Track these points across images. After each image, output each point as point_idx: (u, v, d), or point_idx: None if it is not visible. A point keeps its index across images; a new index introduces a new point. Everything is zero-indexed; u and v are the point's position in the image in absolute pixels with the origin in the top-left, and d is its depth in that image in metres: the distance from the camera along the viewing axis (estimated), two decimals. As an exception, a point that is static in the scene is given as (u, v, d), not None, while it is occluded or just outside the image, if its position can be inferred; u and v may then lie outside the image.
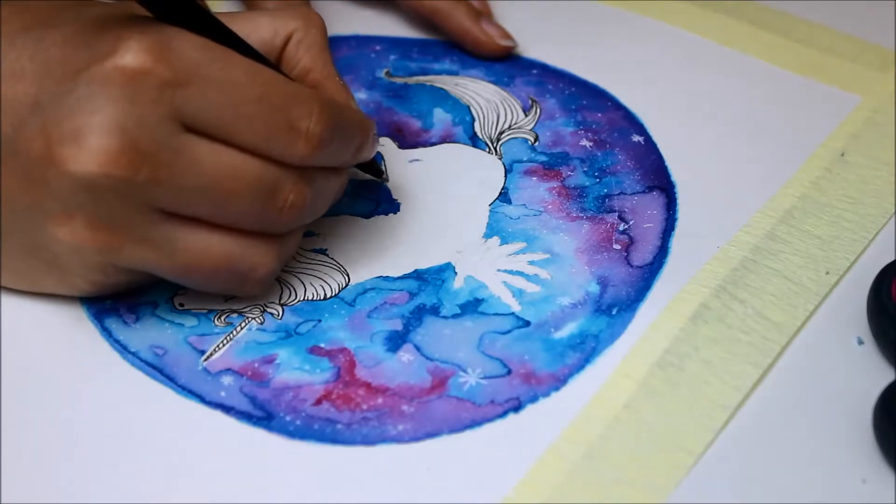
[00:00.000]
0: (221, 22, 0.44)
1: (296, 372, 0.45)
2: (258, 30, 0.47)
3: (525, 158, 0.55)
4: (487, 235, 0.51)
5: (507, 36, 0.61)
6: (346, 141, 0.46)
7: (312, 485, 0.41)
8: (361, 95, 0.59)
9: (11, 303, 0.46)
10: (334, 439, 0.43)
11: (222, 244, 0.44)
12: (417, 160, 0.55)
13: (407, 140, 0.56)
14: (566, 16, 0.65)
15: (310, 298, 0.48)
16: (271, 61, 0.46)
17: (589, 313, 0.48)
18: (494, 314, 0.48)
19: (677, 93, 0.59)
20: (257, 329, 0.47)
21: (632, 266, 0.50)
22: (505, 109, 0.58)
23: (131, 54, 0.41)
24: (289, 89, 0.43)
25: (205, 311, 0.47)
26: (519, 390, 0.45)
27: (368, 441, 0.43)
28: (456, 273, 0.49)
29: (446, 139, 0.56)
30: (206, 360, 0.46)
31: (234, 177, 0.42)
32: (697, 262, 0.49)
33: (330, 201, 0.47)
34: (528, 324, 0.47)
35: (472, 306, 0.48)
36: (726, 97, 0.59)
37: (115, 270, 0.44)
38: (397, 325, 0.47)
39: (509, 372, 0.45)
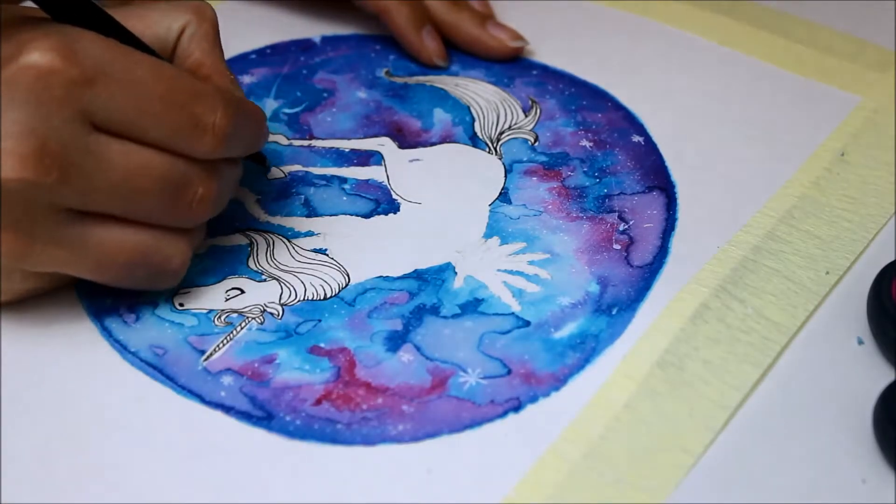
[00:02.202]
0: (118, 21, 0.44)
1: (296, 372, 0.45)
2: (152, 26, 0.47)
3: (525, 159, 0.55)
4: (487, 235, 0.51)
5: (517, 36, 0.61)
6: (247, 132, 0.46)
7: (312, 485, 0.41)
8: (362, 95, 0.59)
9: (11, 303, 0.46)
10: (334, 439, 0.43)
11: (135, 238, 0.44)
12: (417, 160, 0.55)
13: (407, 140, 0.56)
14: (566, 17, 0.65)
15: (310, 298, 0.48)
16: (167, 59, 0.46)
17: (589, 313, 0.48)
18: (494, 314, 0.48)
19: (677, 93, 0.59)
20: (257, 329, 0.47)
21: (632, 266, 0.50)
22: (505, 110, 0.58)
23: (38, 54, 0.40)
24: (192, 86, 0.43)
25: (205, 311, 0.47)
26: (519, 390, 0.45)
27: (368, 441, 0.43)
28: (456, 273, 0.49)
29: (446, 139, 0.56)
30: (206, 359, 0.46)
31: (143, 174, 0.42)
32: (697, 262, 0.49)
33: (232, 192, 0.47)
34: (528, 324, 0.47)
35: (472, 306, 0.48)
36: (726, 97, 0.59)
37: (24, 276, 0.44)
38: (397, 324, 0.47)
39: (509, 372, 0.45)
